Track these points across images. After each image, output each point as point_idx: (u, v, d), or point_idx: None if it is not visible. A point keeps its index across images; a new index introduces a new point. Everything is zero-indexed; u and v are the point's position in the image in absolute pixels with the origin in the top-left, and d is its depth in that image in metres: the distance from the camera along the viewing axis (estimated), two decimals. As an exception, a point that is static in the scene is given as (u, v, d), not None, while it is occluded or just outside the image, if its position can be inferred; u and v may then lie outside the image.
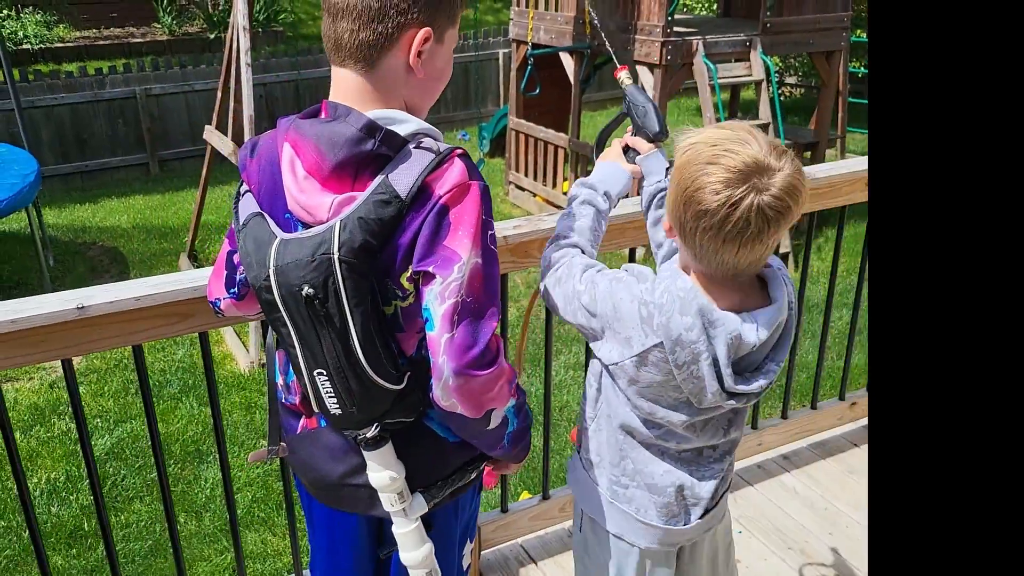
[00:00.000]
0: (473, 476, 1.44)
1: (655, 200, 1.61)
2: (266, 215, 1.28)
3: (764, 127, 6.65)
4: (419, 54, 1.24)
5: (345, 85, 1.26)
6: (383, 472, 1.33)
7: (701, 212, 1.20)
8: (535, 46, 7.14)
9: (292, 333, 1.25)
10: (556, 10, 7.30)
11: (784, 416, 3.02)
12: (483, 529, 2.47)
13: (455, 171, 1.22)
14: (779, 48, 6.97)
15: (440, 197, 1.20)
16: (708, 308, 1.26)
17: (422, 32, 1.23)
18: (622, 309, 1.31)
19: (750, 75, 6.55)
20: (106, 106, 10.20)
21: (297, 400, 1.40)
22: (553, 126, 7.62)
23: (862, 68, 10.57)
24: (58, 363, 4.72)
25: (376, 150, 1.19)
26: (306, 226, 1.24)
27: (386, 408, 1.29)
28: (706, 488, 1.44)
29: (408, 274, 1.22)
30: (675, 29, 6.38)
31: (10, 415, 4.31)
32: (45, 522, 3.64)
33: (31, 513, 1.88)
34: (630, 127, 1.68)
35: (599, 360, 1.40)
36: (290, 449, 1.48)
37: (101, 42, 14.03)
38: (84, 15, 14.49)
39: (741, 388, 1.29)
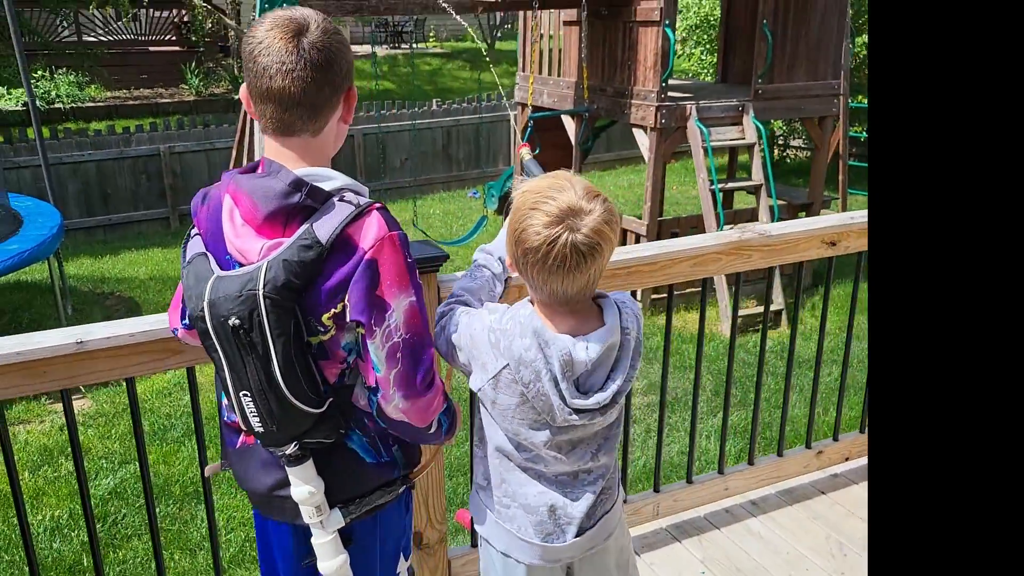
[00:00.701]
0: (391, 496, 1.57)
1: None
2: (210, 255, 1.46)
3: (757, 188, 6.87)
4: (349, 109, 1.47)
5: (281, 147, 1.44)
6: (303, 487, 1.47)
7: (528, 250, 1.41)
8: (536, 109, 7.46)
9: (222, 358, 1.42)
10: (558, 75, 7.64)
11: (751, 462, 3.14)
12: (453, 563, 2.60)
13: (374, 223, 1.38)
14: (771, 113, 7.23)
15: (366, 252, 1.36)
16: (542, 330, 1.45)
17: (351, 92, 1.46)
18: (477, 338, 1.52)
19: (743, 138, 6.79)
20: (131, 163, 10.63)
21: (236, 418, 1.54)
22: (556, 185, 7.87)
23: (863, 133, 10.84)
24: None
25: (302, 202, 1.36)
26: (242, 267, 1.42)
27: (306, 428, 1.44)
28: (578, 508, 1.57)
29: (329, 314, 1.39)
30: (669, 94, 6.66)
31: (20, 455, 4.52)
32: (47, 557, 3.79)
33: (31, 548, 2.03)
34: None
35: (472, 390, 1.58)
36: (231, 462, 1.63)
37: (131, 102, 14.62)
38: (115, 76, 15.13)
39: (579, 402, 1.45)
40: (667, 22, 6.33)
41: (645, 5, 6.48)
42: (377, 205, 1.42)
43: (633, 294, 2.65)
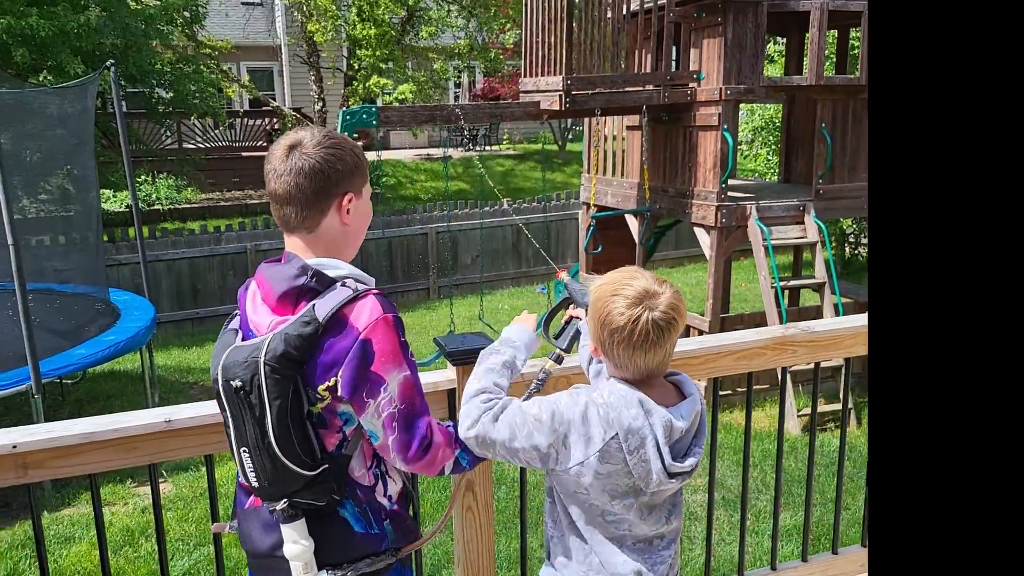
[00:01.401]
0: (382, 566, 1.67)
1: (593, 360, 2.01)
2: (240, 331, 1.69)
3: (820, 286, 6.89)
4: (347, 212, 1.65)
5: (296, 242, 1.67)
6: (294, 544, 1.61)
7: (614, 330, 1.61)
8: (600, 209, 7.72)
9: (228, 418, 1.60)
10: (621, 176, 7.93)
11: (804, 559, 3.13)
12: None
13: (368, 305, 1.56)
14: (833, 212, 7.31)
15: (360, 332, 1.53)
16: (645, 400, 1.63)
17: (346, 197, 1.64)
18: (587, 414, 1.66)
19: (804, 237, 6.88)
20: (220, 260, 11.31)
21: (242, 479, 1.71)
22: (620, 282, 8.06)
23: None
24: (149, 489, 5.14)
25: (308, 284, 1.57)
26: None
27: (296, 488, 1.58)
28: (659, 571, 1.73)
29: (324, 385, 1.56)
30: (730, 194, 6.84)
31: (105, 535, 4.75)
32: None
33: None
34: (572, 306, 2.13)
35: (557, 472, 1.69)
36: (238, 522, 1.78)
37: (223, 203, 15.62)
38: (210, 180, 16.22)
39: (678, 466, 1.63)
40: (726, 126, 6.56)
41: (704, 111, 6.75)
42: (374, 291, 1.60)
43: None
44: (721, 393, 6.86)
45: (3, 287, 7.12)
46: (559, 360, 2.00)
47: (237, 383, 1.55)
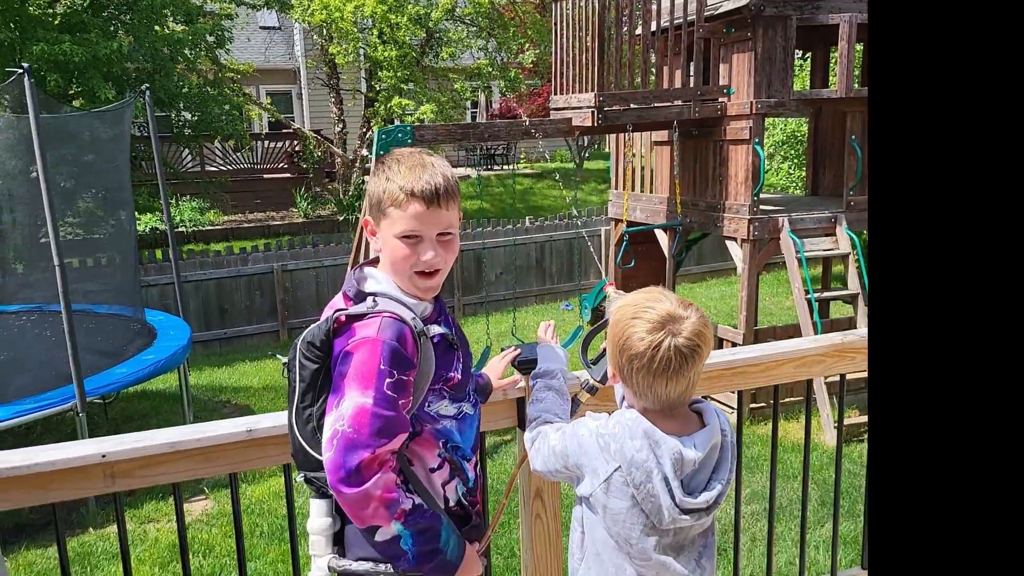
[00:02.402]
0: (389, 573, 1.64)
1: None
2: None
3: (853, 297, 6.89)
4: (372, 235, 1.73)
5: None
6: (316, 519, 1.69)
7: (633, 356, 1.51)
8: (630, 224, 7.76)
9: None
10: (650, 192, 7.97)
11: (864, 567, 3.12)
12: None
13: (373, 324, 1.60)
14: (863, 224, 7.30)
15: (348, 344, 1.59)
16: (652, 431, 1.53)
17: (364, 221, 1.74)
18: (585, 443, 1.61)
19: (837, 248, 6.88)
20: (246, 280, 11.41)
21: None
22: (649, 297, 8.09)
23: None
24: (194, 507, 5.23)
25: (347, 290, 1.70)
26: None
27: (312, 466, 1.65)
28: None
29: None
30: (761, 207, 6.86)
31: (151, 552, 4.80)
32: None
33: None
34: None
35: (580, 496, 1.66)
36: None
37: (245, 225, 15.77)
38: (233, 202, 16.39)
39: (689, 502, 1.52)
40: (757, 140, 6.60)
41: (735, 125, 6.79)
42: (387, 314, 1.61)
43: (739, 406, 2.77)
44: (753, 406, 6.85)
45: (42, 308, 7.23)
46: (592, 391, 1.96)
47: (284, 360, 1.73)
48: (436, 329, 1.72)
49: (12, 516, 5.50)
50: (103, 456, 2.04)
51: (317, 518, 1.71)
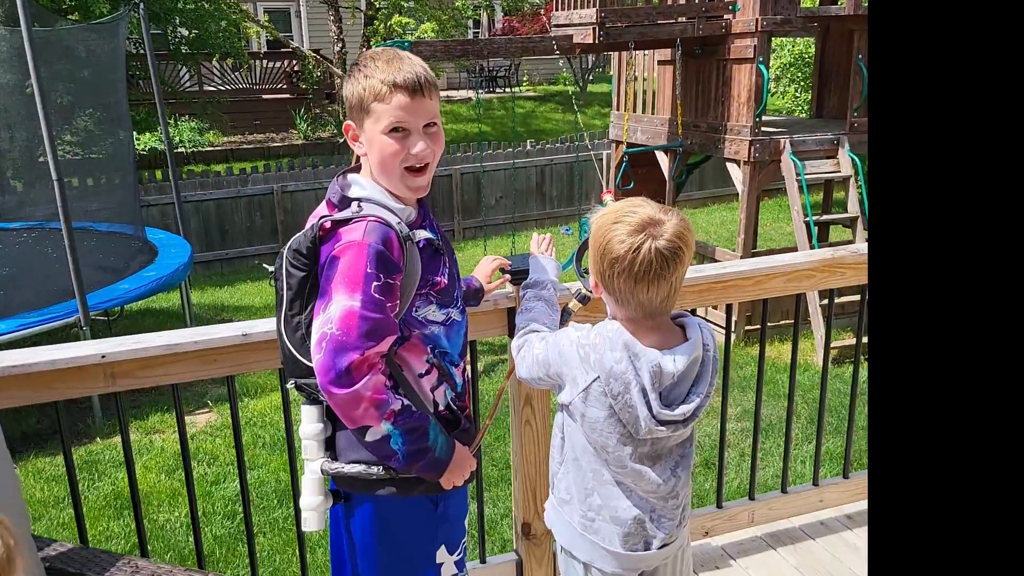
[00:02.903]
0: (381, 475, 1.69)
1: None
2: None
3: (853, 221, 6.89)
4: (355, 141, 1.70)
5: None
6: (308, 425, 1.72)
7: (614, 260, 1.50)
8: (630, 145, 7.70)
9: None
10: (652, 113, 7.87)
11: (845, 475, 3.21)
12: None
13: (358, 230, 1.60)
14: (866, 146, 7.26)
15: (335, 249, 1.59)
16: (632, 343, 1.53)
17: (349, 128, 1.71)
18: (566, 353, 1.62)
19: (838, 171, 6.84)
20: (247, 201, 11.39)
21: None
22: (649, 220, 8.08)
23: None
24: (198, 419, 5.35)
25: (331, 197, 1.70)
26: None
27: (302, 373, 1.67)
28: (664, 523, 1.67)
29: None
30: (763, 129, 6.79)
31: (157, 460, 4.95)
32: (183, 547, 4.17)
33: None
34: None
35: (562, 404, 1.69)
36: None
37: (245, 146, 15.63)
38: (232, 123, 16.20)
39: (667, 414, 1.53)
40: (761, 59, 6.49)
41: (739, 43, 6.66)
42: (372, 217, 1.63)
43: (728, 318, 2.81)
44: (748, 328, 6.93)
45: (43, 225, 7.25)
46: (584, 301, 1.98)
47: (271, 269, 1.73)
48: (422, 234, 1.72)
49: (20, 425, 5.65)
50: (103, 356, 2.09)
51: (308, 423, 1.74)
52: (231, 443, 5.38)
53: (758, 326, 6.79)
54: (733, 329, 6.98)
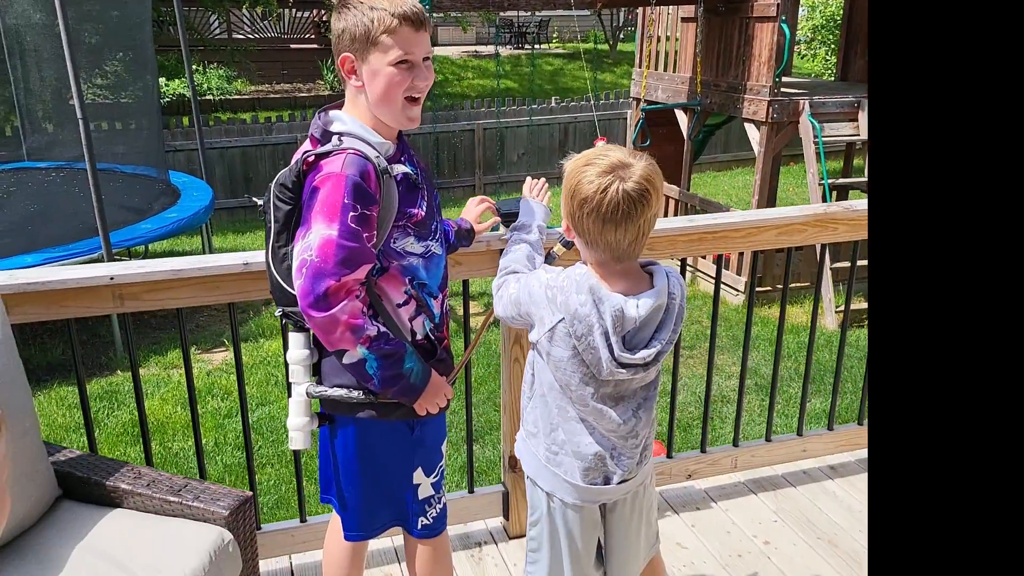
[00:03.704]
0: (361, 399, 1.80)
1: None
2: None
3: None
4: (351, 74, 1.73)
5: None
6: (295, 351, 1.83)
7: (583, 200, 1.56)
8: (649, 103, 7.68)
9: None
10: (673, 71, 7.83)
11: (830, 427, 3.29)
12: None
13: (337, 162, 1.65)
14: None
15: (315, 180, 1.65)
16: (597, 287, 1.58)
17: (345, 61, 1.72)
18: (535, 294, 1.68)
19: (858, 135, 6.79)
20: (271, 150, 11.51)
21: None
22: (666, 179, 8.09)
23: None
24: (215, 356, 5.51)
25: (314, 132, 1.75)
26: None
27: (289, 302, 1.75)
28: (624, 460, 1.75)
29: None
30: (784, 90, 6.75)
31: (174, 393, 5.13)
32: (193, 473, 4.36)
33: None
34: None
35: (532, 342, 1.76)
36: None
37: (272, 95, 15.70)
38: (259, 72, 16.26)
39: (627, 357, 1.59)
40: (783, 17, 6.43)
41: (762, 1, 6.60)
42: (352, 151, 1.68)
43: (718, 270, 2.87)
44: (760, 289, 6.96)
45: (71, 165, 7.42)
46: (568, 245, 2.02)
47: (259, 202, 1.79)
48: (399, 168, 1.78)
49: (46, 355, 5.87)
50: (111, 278, 2.21)
51: (295, 349, 1.84)
52: (245, 380, 5.56)
53: (768, 288, 6.84)
54: (743, 289, 7.02)
